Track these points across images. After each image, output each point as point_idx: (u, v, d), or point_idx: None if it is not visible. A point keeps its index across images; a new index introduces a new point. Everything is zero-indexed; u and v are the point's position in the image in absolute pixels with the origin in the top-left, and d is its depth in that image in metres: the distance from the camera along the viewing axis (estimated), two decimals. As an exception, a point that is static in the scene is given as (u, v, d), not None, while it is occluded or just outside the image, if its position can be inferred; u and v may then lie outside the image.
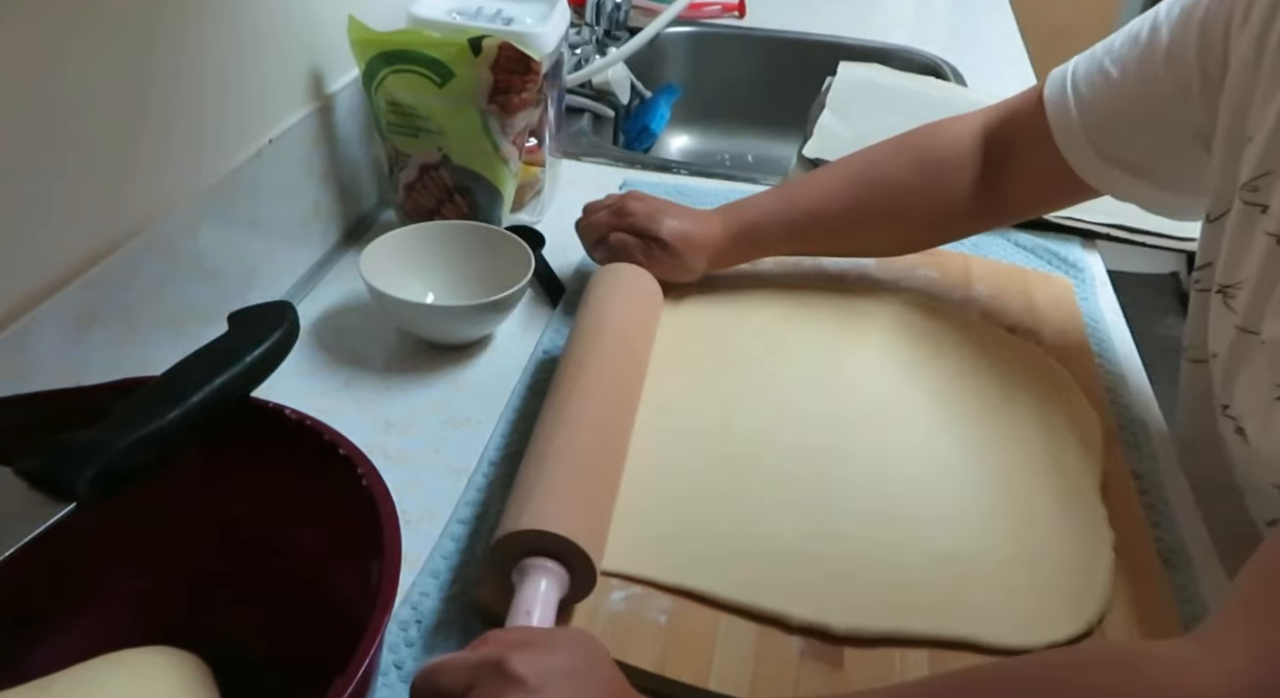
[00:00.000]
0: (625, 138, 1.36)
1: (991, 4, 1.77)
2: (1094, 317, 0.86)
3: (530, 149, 0.93)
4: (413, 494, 0.64)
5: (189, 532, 0.50)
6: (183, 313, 0.70)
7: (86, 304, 0.61)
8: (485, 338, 0.81)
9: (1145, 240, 0.96)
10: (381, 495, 0.44)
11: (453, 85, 0.82)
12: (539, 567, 0.53)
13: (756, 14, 1.56)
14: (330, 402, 0.72)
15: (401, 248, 0.81)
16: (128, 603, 0.50)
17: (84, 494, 0.41)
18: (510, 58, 0.80)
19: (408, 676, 0.54)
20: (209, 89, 0.71)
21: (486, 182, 0.88)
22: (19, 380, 0.55)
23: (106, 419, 0.43)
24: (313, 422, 0.48)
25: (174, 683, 0.45)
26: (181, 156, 0.69)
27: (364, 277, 0.75)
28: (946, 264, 0.91)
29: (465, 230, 0.83)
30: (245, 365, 0.46)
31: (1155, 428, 0.75)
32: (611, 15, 1.34)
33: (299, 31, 0.82)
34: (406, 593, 0.58)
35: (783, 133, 1.42)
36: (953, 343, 0.80)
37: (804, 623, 0.56)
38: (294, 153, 0.82)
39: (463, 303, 0.79)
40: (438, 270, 0.82)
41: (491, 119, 0.84)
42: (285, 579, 0.48)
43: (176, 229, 0.68)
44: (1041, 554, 0.61)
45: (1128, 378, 0.80)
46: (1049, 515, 0.64)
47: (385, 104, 0.84)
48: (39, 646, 0.48)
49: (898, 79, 1.30)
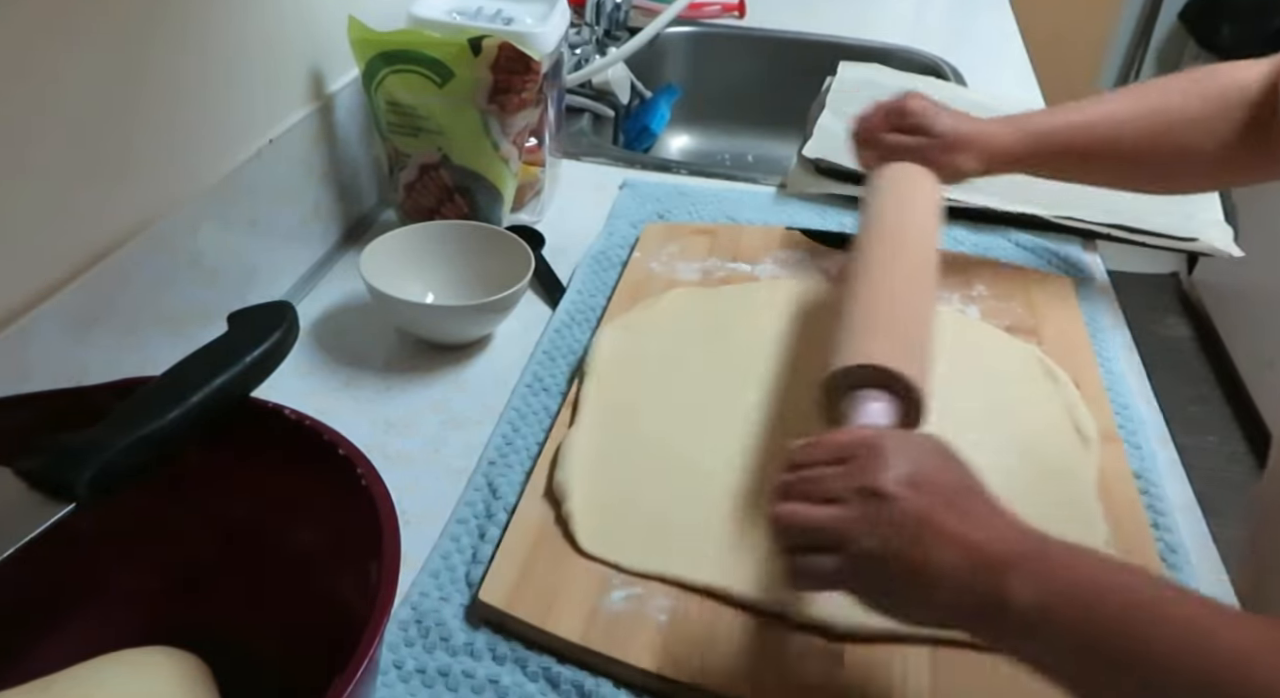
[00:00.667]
0: (625, 138, 1.36)
1: (991, 4, 1.77)
2: (1094, 317, 0.86)
3: (530, 149, 0.93)
4: (412, 494, 0.64)
5: (188, 532, 0.50)
6: (183, 313, 0.70)
7: (86, 304, 0.61)
8: (485, 338, 0.81)
9: (1145, 240, 0.96)
10: (381, 496, 0.44)
11: (453, 85, 0.82)
12: (873, 397, 0.57)
13: (756, 14, 1.56)
14: (330, 402, 0.72)
15: (401, 248, 0.81)
16: (128, 603, 0.50)
17: (84, 494, 0.41)
18: (510, 58, 0.80)
19: (408, 675, 0.54)
20: (209, 89, 0.71)
21: (486, 182, 0.88)
22: (19, 380, 0.55)
23: (106, 419, 0.43)
24: (312, 422, 0.48)
25: (174, 683, 0.45)
26: (181, 157, 0.69)
27: (364, 277, 0.75)
28: (946, 264, 0.90)
29: (465, 230, 0.83)
30: (245, 365, 0.47)
31: (1155, 428, 0.75)
32: (611, 15, 1.34)
33: (299, 31, 0.82)
34: (406, 593, 0.58)
35: (783, 133, 1.42)
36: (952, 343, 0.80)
37: (807, 619, 0.56)
38: (294, 153, 0.82)
39: (463, 303, 0.79)
40: (438, 270, 0.82)
41: (491, 119, 0.84)
42: (285, 579, 0.49)
43: (176, 229, 0.68)
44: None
45: (1128, 378, 0.80)
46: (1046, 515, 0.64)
47: (385, 104, 0.84)
48: (39, 646, 0.48)
49: (898, 79, 1.30)
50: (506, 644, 0.55)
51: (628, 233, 0.95)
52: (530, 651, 0.55)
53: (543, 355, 0.78)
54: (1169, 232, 0.95)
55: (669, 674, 0.53)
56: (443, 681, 0.54)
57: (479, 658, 0.55)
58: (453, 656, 0.55)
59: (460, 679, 0.54)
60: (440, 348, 0.79)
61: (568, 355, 0.78)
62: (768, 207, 1.02)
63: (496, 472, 0.67)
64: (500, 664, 0.54)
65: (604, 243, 0.93)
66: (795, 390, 0.74)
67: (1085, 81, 2.88)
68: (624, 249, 0.92)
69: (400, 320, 0.79)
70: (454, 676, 0.54)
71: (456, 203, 0.88)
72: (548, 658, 0.55)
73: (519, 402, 0.73)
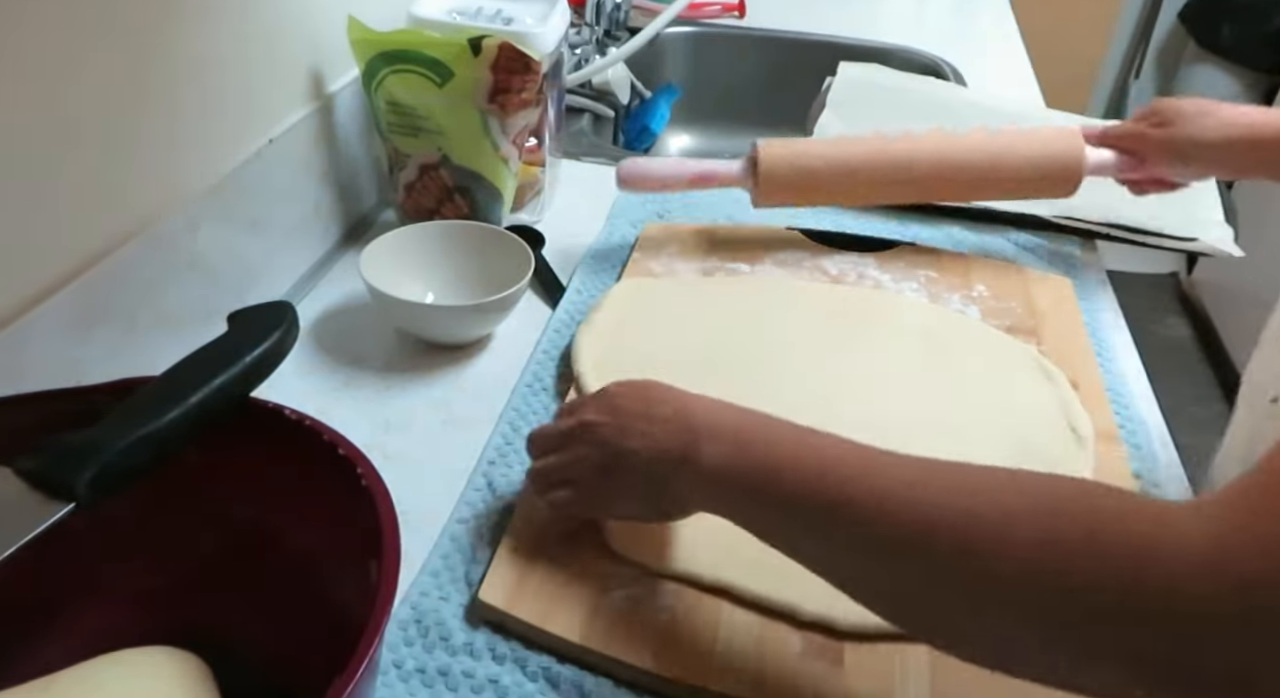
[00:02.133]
0: (625, 138, 1.36)
1: (991, 4, 1.77)
2: (1094, 317, 0.86)
3: (530, 149, 0.93)
4: (412, 494, 0.64)
5: (189, 531, 0.50)
6: (183, 313, 0.70)
7: (86, 304, 0.61)
8: (485, 338, 0.81)
9: (1145, 240, 0.96)
10: (381, 496, 0.44)
11: (453, 85, 0.82)
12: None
13: (756, 14, 1.56)
14: (330, 401, 0.73)
15: (401, 248, 0.81)
16: (128, 603, 0.50)
17: (84, 494, 0.41)
18: (510, 58, 0.80)
19: (407, 675, 0.54)
20: (209, 89, 0.71)
21: (486, 181, 0.88)
22: (18, 380, 0.55)
23: (106, 419, 0.43)
24: (312, 422, 0.48)
25: (174, 683, 0.45)
26: (181, 156, 0.69)
27: (364, 276, 0.75)
28: (946, 264, 0.91)
29: (465, 230, 0.83)
30: (244, 366, 0.46)
31: (1155, 428, 0.75)
32: (611, 15, 1.34)
33: (299, 31, 0.82)
34: (406, 593, 0.58)
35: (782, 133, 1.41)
36: (951, 343, 0.80)
37: (811, 618, 0.56)
38: (294, 153, 0.82)
39: (462, 303, 0.79)
40: (437, 270, 0.82)
41: (491, 119, 0.84)
42: (285, 579, 0.49)
43: (176, 229, 0.68)
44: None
45: (1128, 378, 0.80)
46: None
47: (385, 104, 0.84)
48: (39, 646, 0.48)
49: (898, 79, 1.30)
50: (506, 644, 0.55)
51: (627, 233, 0.95)
52: (530, 650, 0.55)
53: (542, 355, 0.78)
54: (1169, 231, 0.95)
55: (669, 674, 0.53)
56: (442, 680, 0.54)
57: (479, 658, 0.55)
58: (452, 655, 0.55)
59: (460, 679, 0.54)
60: (440, 348, 0.79)
61: (567, 355, 0.78)
62: (768, 206, 1.02)
63: (496, 471, 0.67)
64: (500, 664, 0.54)
65: (603, 243, 0.93)
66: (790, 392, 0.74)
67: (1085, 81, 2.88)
68: (624, 249, 0.92)
69: (400, 320, 0.79)
70: (454, 675, 0.54)
71: (456, 203, 0.88)
72: (547, 658, 0.55)
73: (519, 401, 0.73)
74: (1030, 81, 1.45)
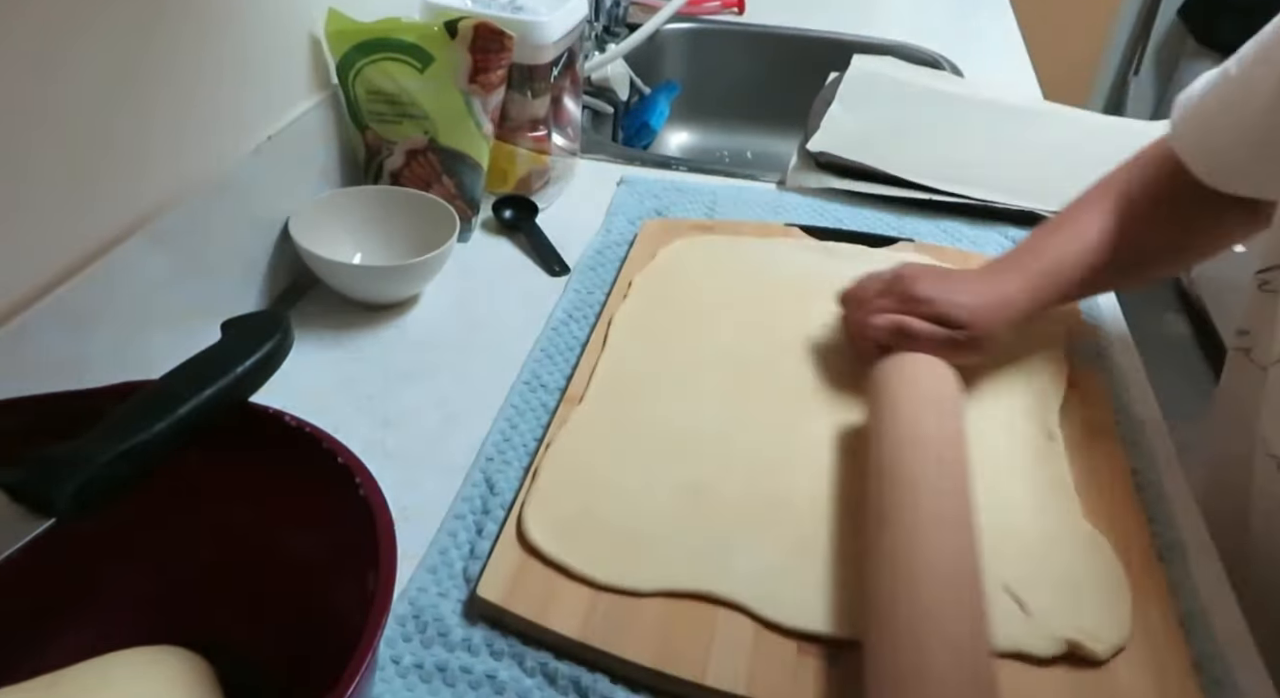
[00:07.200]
0: (624, 134, 1.36)
1: (991, 1, 1.77)
2: (1094, 317, 0.86)
3: (538, 138, 0.95)
4: (410, 490, 0.65)
5: (189, 534, 0.50)
6: (183, 312, 0.70)
7: (86, 303, 0.61)
8: (486, 337, 0.81)
9: (1144, 238, 0.95)
10: (378, 506, 0.43)
11: (434, 69, 0.83)
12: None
13: (756, 10, 1.56)
14: (328, 399, 0.73)
15: (333, 211, 0.84)
16: (129, 605, 0.50)
17: (65, 509, 0.40)
18: (485, 37, 0.82)
19: (405, 670, 0.54)
20: (208, 86, 0.71)
21: (472, 160, 0.90)
22: (18, 380, 0.55)
23: (91, 431, 0.42)
24: (312, 428, 0.47)
25: (176, 682, 0.45)
26: (181, 154, 0.69)
27: (293, 236, 0.78)
28: (946, 260, 0.91)
29: (398, 196, 0.86)
30: (235, 377, 0.45)
31: (1154, 427, 0.75)
32: (611, 11, 1.34)
33: (297, 28, 0.82)
34: (404, 589, 0.58)
35: (782, 129, 1.42)
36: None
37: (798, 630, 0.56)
38: (294, 149, 0.82)
39: (388, 264, 0.82)
40: (370, 235, 0.85)
41: (474, 99, 0.86)
42: (284, 584, 0.48)
43: (176, 226, 0.68)
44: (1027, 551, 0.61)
45: (1127, 377, 0.80)
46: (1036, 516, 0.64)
47: (366, 94, 0.85)
48: (40, 646, 0.48)
49: (909, 72, 1.30)
50: (504, 640, 0.55)
51: (626, 229, 0.95)
52: (527, 646, 0.55)
53: (540, 353, 0.78)
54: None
55: (666, 670, 0.53)
56: (440, 676, 0.54)
57: (476, 653, 0.55)
58: (450, 651, 0.55)
59: (457, 675, 0.54)
60: (439, 346, 0.79)
61: (565, 353, 0.78)
62: (767, 203, 1.02)
63: (494, 468, 0.67)
64: (498, 660, 0.55)
65: (602, 239, 0.93)
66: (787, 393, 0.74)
67: (1085, 80, 2.88)
68: (622, 246, 0.92)
69: (330, 281, 0.82)
70: (451, 671, 0.54)
71: (445, 183, 0.90)
72: (545, 654, 0.55)
73: (517, 398, 0.73)
74: (1030, 79, 1.45)
